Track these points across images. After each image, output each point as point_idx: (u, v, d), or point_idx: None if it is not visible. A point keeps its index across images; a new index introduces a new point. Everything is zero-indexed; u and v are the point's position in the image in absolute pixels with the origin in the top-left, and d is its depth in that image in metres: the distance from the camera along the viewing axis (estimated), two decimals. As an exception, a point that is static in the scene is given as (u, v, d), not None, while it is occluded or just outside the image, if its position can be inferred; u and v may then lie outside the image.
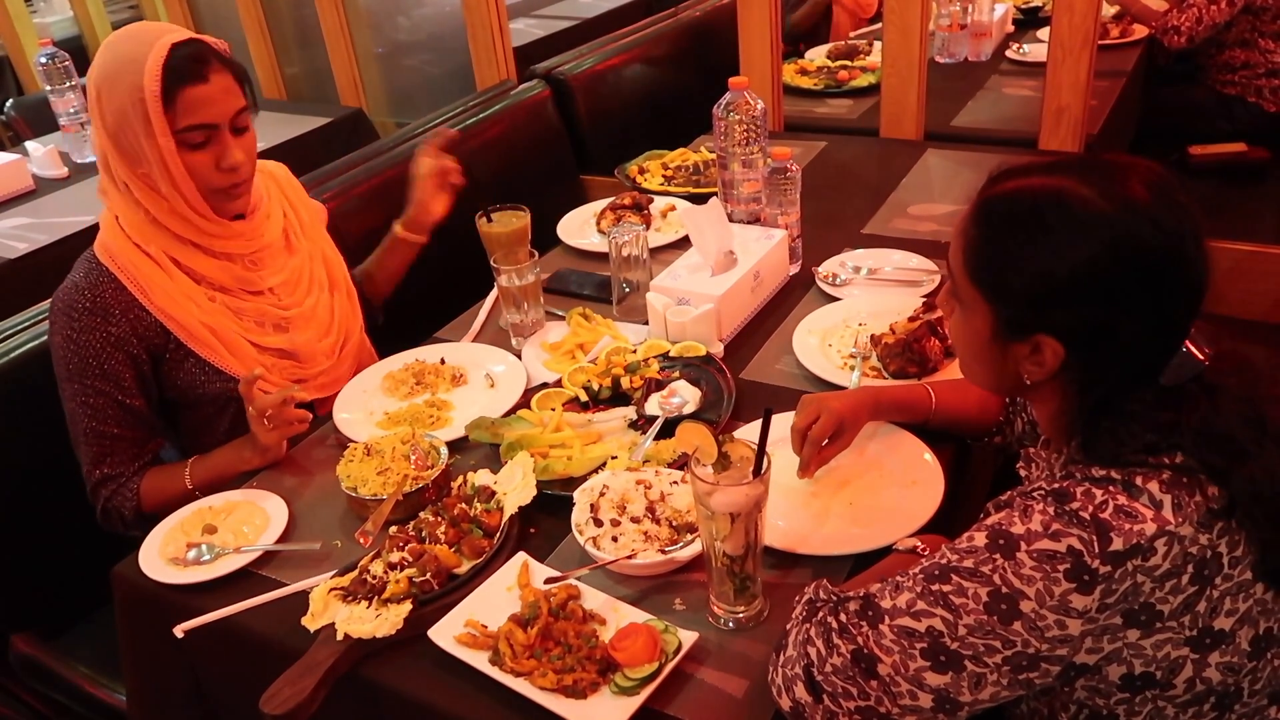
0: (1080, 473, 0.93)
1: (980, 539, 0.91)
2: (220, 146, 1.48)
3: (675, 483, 1.30)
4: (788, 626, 1.03)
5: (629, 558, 1.20)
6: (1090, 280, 0.90)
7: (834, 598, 1.02)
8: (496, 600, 1.19)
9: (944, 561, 0.93)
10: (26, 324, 1.71)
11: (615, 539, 1.23)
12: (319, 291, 1.70)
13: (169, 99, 1.42)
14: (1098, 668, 0.92)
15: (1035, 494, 0.91)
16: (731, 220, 1.90)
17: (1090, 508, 0.87)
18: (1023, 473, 1.15)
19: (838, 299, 1.78)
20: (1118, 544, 0.86)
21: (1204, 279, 0.92)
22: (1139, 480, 0.89)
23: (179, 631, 1.25)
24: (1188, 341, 0.93)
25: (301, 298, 1.67)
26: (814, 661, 0.97)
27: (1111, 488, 0.89)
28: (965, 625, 0.90)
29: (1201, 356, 0.93)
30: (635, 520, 1.25)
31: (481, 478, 1.36)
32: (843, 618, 0.97)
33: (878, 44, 2.86)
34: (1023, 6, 3.53)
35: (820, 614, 1.00)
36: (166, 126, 1.43)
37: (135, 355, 1.52)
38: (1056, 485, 0.91)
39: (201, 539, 1.37)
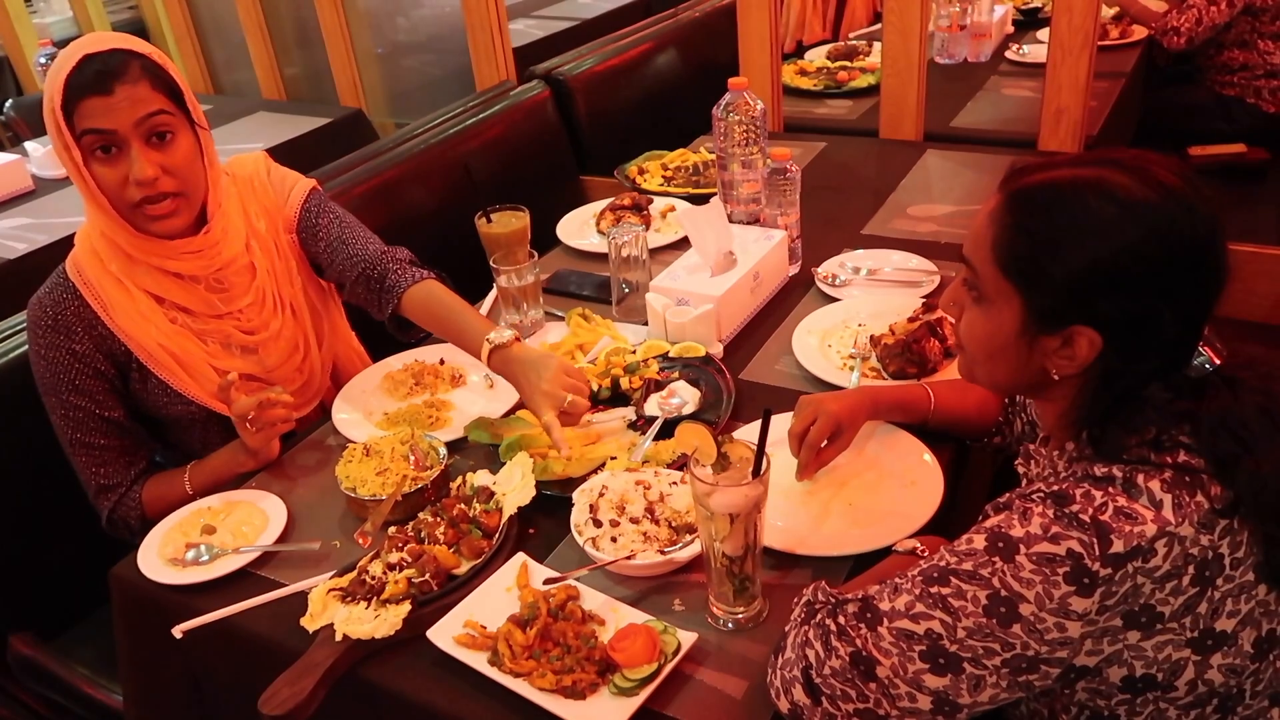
0: (1081, 470, 0.93)
1: (979, 542, 0.91)
2: (129, 159, 1.39)
3: (674, 483, 1.30)
4: (786, 628, 1.03)
5: (628, 558, 1.20)
6: (1135, 267, 0.90)
7: (832, 600, 1.02)
8: (495, 601, 1.19)
9: (943, 564, 0.93)
10: (23, 325, 1.70)
11: (614, 539, 1.23)
12: (285, 312, 1.63)
13: (70, 110, 1.37)
14: (1098, 670, 0.92)
15: (1034, 496, 0.91)
16: (731, 221, 1.90)
17: (1090, 510, 0.87)
18: (1021, 469, 1.14)
19: (837, 299, 1.77)
20: (1118, 546, 0.85)
21: (1228, 267, 0.92)
22: (1140, 479, 0.89)
23: (177, 632, 1.25)
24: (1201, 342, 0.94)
25: (268, 319, 1.60)
26: (812, 664, 0.97)
27: (1111, 488, 0.89)
28: (964, 628, 0.90)
29: (1216, 358, 0.93)
30: (634, 521, 1.24)
31: (480, 478, 1.36)
32: (841, 620, 0.97)
33: (877, 45, 2.86)
34: (1022, 7, 3.53)
35: (819, 616, 1.00)
36: (71, 137, 1.38)
37: (102, 370, 1.50)
38: (1056, 487, 0.91)
39: (200, 539, 1.37)
